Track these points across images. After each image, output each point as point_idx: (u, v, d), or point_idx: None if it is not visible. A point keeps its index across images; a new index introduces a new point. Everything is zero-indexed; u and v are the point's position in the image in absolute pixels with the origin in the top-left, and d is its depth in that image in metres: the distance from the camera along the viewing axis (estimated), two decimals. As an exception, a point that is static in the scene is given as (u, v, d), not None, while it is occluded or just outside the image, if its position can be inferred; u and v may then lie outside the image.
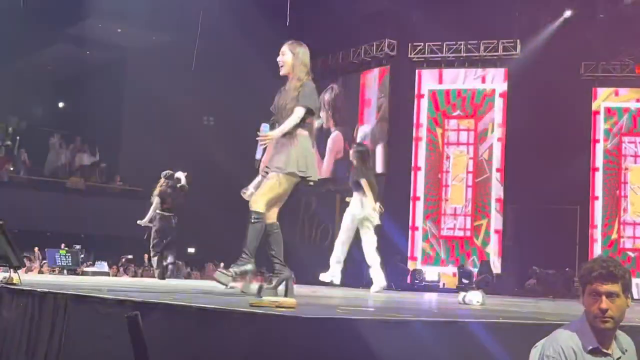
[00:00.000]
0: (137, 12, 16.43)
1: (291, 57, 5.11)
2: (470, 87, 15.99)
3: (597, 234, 15.25)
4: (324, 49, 17.13)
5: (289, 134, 4.97)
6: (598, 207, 15.35)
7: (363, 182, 8.46)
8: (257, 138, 5.01)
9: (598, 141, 15.57)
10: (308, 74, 5.14)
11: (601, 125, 15.62)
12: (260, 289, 5.03)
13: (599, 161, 15.50)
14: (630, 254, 15.06)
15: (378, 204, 8.64)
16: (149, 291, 5.64)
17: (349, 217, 8.70)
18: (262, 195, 4.98)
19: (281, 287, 5.04)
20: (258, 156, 5.13)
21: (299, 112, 4.98)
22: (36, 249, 13.41)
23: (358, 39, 16.90)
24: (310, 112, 5.04)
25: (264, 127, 5.00)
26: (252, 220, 4.95)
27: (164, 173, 10.70)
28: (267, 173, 5.07)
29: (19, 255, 5.30)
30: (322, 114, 17.66)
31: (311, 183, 5.10)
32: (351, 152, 8.96)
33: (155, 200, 10.43)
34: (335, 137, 17.48)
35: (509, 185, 15.53)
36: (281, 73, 5.17)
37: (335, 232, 17.74)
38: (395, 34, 16.54)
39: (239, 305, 3.51)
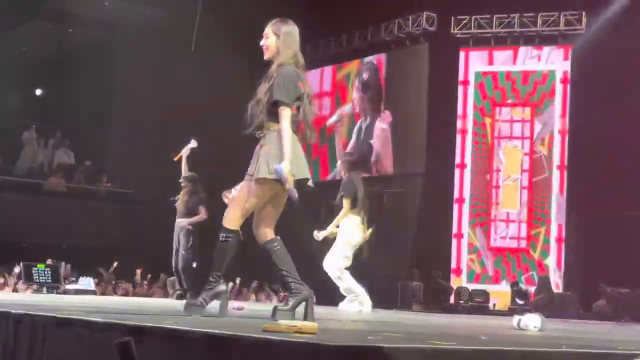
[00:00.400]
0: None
1: (275, 40, 5.15)
2: (526, 69, 15.92)
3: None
4: (347, 25, 17.16)
5: (269, 134, 5.01)
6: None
7: (345, 200, 8.77)
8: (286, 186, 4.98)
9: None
10: (295, 59, 5.14)
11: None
12: (274, 310, 5.05)
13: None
14: None
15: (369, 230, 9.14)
16: (143, 313, 5.68)
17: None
18: (234, 209, 5.11)
19: (300, 309, 5.05)
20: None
21: (285, 115, 4.98)
22: (17, 267, 13.54)
23: (390, 12, 16.88)
24: (287, 105, 5.03)
25: (279, 168, 4.94)
26: (221, 239, 5.10)
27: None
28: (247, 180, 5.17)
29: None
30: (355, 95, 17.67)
31: (310, 184, 5.13)
32: (338, 163, 9.27)
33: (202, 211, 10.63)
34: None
35: (573, 186, 15.45)
36: (266, 57, 5.20)
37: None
38: (434, 5, 16.51)
39: (251, 331, 3.53)
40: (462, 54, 16.27)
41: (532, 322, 5.88)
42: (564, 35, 15.84)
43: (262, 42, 5.20)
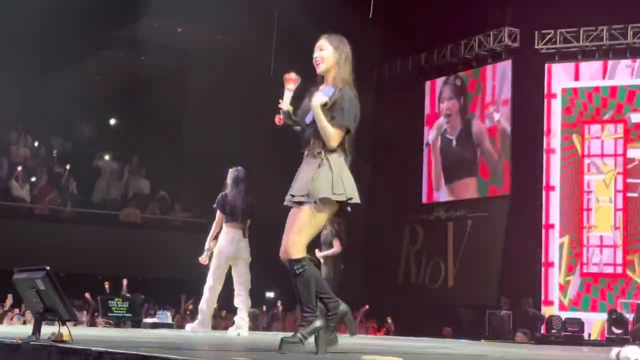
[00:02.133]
0: (200, 7, 16.82)
1: (332, 53, 5.05)
2: (617, 84, 15.61)
3: None
4: (425, 44, 17.13)
5: (319, 155, 4.96)
6: None
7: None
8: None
9: None
10: (352, 76, 5.06)
11: None
12: (281, 342, 4.96)
13: None
14: None
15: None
16: (222, 349, 5.73)
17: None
18: (297, 236, 4.93)
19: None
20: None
21: (337, 135, 4.93)
22: (87, 295, 13.83)
23: (470, 29, 16.80)
24: (350, 131, 4.98)
25: (327, 91, 4.93)
26: (298, 273, 4.89)
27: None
28: (292, 202, 5.04)
29: (69, 307, 5.48)
30: (447, 105, 17.62)
31: (348, 208, 5.03)
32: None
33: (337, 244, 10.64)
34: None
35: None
36: (318, 71, 5.09)
37: (449, 270, 17.66)
38: (517, 20, 16.36)
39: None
40: (547, 70, 16.05)
41: (633, 354, 5.70)
42: (657, 47, 15.51)
43: (316, 55, 5.09)
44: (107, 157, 19.25)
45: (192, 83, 19.24)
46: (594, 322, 15.21)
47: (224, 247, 9.18)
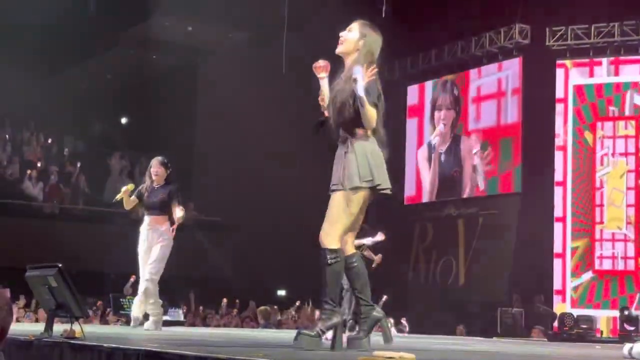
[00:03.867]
0: (210, 5, 16.84)
1: (357, 37, 5.02)
2: (630, 80, 15.53)
3: None
4: (436, 40, 17.09)
5: (345, 141, 4.91)
6: None
7: None
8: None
9: None
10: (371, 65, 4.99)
11: None
12: (349, 341, 4.97)
13: None
14: None
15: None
16: (233, 345, 5.73)
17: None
18: (332, 226, 4.87)
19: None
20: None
21: (374, 116, 4.84)
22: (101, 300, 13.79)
23: (480, 26, 16.76)
24: (377, 106, 4.90)
25: (357, 70, 4.85)
26: (329, 262, 4.80)
27: None
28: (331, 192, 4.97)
29: (81, 304, 5.49)
30: (444, 115, 17.67)
31: (387, 192, 4.96)
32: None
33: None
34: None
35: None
36: (337, 50, 5.08)
37: (460, 267, 17.65)
38: (528, 16, 16.30)
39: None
40: (558, 67, 15.99)
41: (645, 351, 5.68)
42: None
43: (342, 33, 5.08)
44: (118, 156, 19.28)
45: (202, 81, 19.28)
46: (607, 320, 15.15)
47: (140, 239, 8.94)
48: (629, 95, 15.51)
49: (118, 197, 8.80)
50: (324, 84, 5.12)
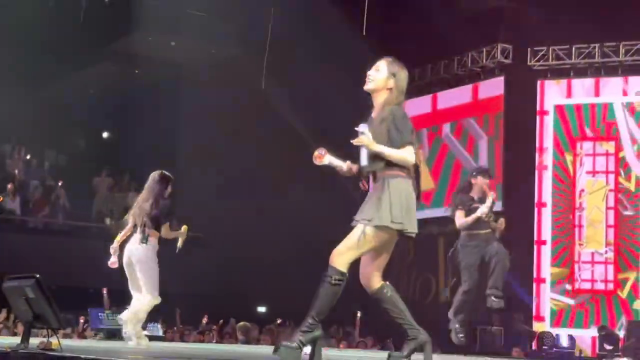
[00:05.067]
0: (194, 21, 16.89)
1: (386, 76, 5.10)
2: (609, 101, 15.67)
3: None
4: (417, 59, 17.19)
5: (381, 180, 4.94)
6: None
7: None
8: (353, 141, 5.01)
9: None
10: (400, 104, 5.09)
11: None
12: (389, 357, 5.07)
13: None
14: None
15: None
16: (213, 357, 5.72)
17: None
18: (347, 250, 4.91)
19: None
20: (363, 162, 5.05)
21: (409, 153, 4.90)
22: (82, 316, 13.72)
23: (463, 45, 16.87)
24: (412, 144, 4.98)
25: (363, 126, 4.96)
26: (333, 282, 4.87)
27: None
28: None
29: (58, 315, 5.48)
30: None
31: (412, 235, 5.01)
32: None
33: None
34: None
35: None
36: (365, 87, 5.14)
37: (440, 285, 17.64)
38: (510, 36, 16.44)
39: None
40: (539, 87, 16.11)
41: (622, 367, 5.74)
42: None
43: (370, 72, 5.15)
44: (100, 171, 19.23)
45: (185, 97, 19.28)
46: (587, 339, 15.20)
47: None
48: (608, 115, 15.63)
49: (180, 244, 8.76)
50: (333, 163, 5.26)
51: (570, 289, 15.56)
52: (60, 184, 18.32)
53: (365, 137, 4.92)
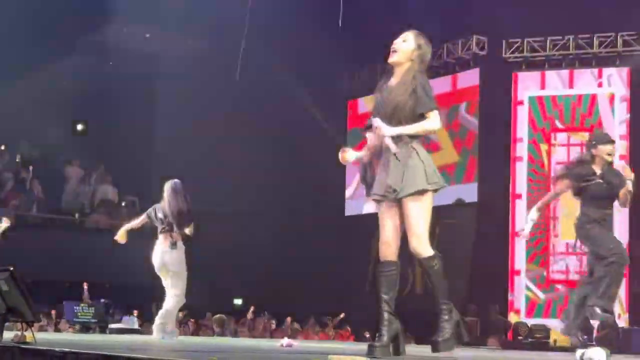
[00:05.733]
0: (169, 13, 16.78)
1: (413, 48, 5.08)
2: (583, 92, 15.77)
3: None
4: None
5: (406, 146, 4.93)
6: None
7: None
8: (374, 133, 5.05)
9: None
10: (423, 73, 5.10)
11: None
12: (435, 345, 5.04)
13: None
14: None
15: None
16: (186, 350, 5.70)
17: None
18: (420, 235, 4.94)
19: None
20: (394, 149, 4.97)
21: (436, 119, 4.95)
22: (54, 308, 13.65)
23: (438, 37, 16.87)
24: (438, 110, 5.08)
25: (376, 121, 4.96)
26: (436, 267, 4.97)
27: None
28: (383, 197, 4.97)
29: (33, 308, 5.43)
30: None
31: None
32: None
33: None
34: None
35: (636, 214, 15.17)
36: (390, 60, 5.11)
37: (417, 276, 17.68)
38: (485, 28, 16.49)
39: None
40: (514, 78, 16.18)
41: (596, 356, 5.77)
42: (622, 57, 15.67)
43: (396, 42, 5.13)
44: (74, 163, 19.08)
45: (160, 88, 19.18)
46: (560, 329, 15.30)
47: (153, 257, 9.29)
48: (583, 106, 15.73)
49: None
50: (357, 156, 5.62)
51: (544, 280, 15.66)
52: (31, 169, 18.17)
53: (385, 129, 4.93)
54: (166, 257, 9.03)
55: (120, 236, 9.48)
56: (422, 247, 4.94)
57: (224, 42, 16.54)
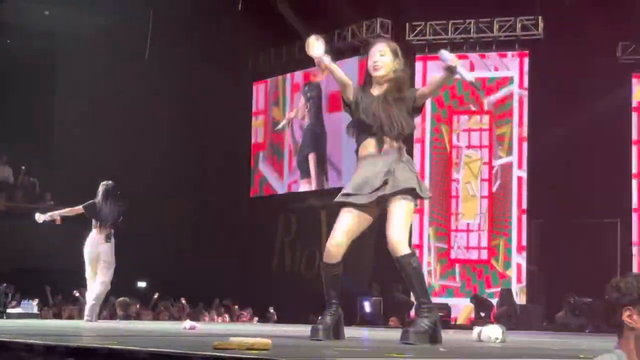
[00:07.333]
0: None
1: (392, 60, 5.27)
2: (483, 76, 16.07)
3: (641, 251, 15.36)
4: (296, 33, 17.22)
5: (400, 148, 5.14)
6: (642, 220, 15.47)
7: None
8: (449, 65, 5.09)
9: (638, 142, 15.65)
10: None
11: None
12: (406, 335, 4.96)
13: (640, 166, 15.58)
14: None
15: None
16: (84, 335, 5.61)
17: None
18: (403, 233, 5.07)
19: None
20: (469, 77, 5.27)
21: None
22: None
23: (342, 19, 16.95)
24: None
25: (443, 52, 5.15)
26: (414, 265, 5.04)
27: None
28: (360, 198, 5.15)
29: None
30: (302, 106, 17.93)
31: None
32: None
33: None
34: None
35: (534, 195, 15.60)
36: (376, 74, 5.27)
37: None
38: (389, 11, 16.62)
39: (200, 349, 3.50)
40: (418, 61, 16.37)
41: (492, 333, 5.91)
42: (521, 41, 16.02)
43: (376, 59, 5.27)
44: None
45: (61, 67, 18.72)
46: (462, 308, 15.63)
47: (87, 248, 9.96)
48: (485, 89, 16.03)
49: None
50: (333, 68, 5.56)
51: (446, 258, 15.97)
52: None
53: (454, 58, 5.14)
54: (101, 248, 9.85)
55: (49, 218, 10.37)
56: (403, 245, 5.05)
57: (129, 20, 16.28)
